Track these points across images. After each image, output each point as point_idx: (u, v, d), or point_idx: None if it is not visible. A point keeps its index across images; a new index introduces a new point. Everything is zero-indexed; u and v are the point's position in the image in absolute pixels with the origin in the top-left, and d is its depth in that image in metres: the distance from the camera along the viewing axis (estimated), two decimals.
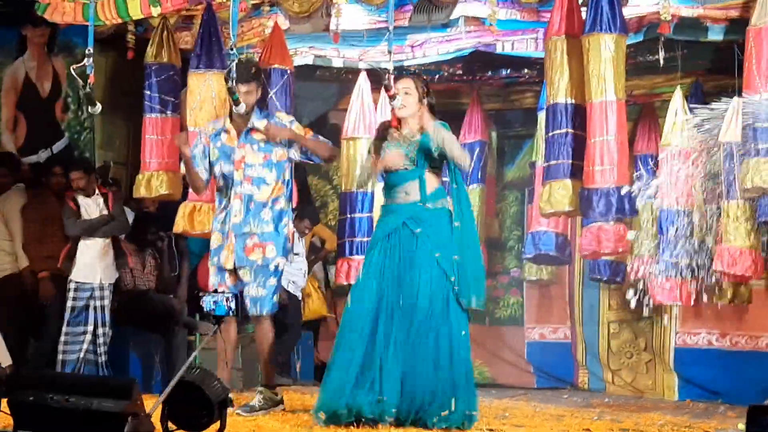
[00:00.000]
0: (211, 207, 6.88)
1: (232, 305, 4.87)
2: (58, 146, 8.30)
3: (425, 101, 5.67)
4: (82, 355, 7.59)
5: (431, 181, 5.61)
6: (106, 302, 7.75)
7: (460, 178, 5.69)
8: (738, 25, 6.88)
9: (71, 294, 7.64)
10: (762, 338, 8.56)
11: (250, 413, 5.98)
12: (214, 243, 6.24)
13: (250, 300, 6.14)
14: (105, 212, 7.75)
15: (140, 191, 7.37)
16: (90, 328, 7.64)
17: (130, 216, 8.33)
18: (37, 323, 7.74)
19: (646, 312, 9.06)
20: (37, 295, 7.68)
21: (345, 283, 7.83)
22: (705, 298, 8.14)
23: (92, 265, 7.67)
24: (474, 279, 5.56)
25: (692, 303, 8.18)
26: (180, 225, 7.16)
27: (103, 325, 7.70)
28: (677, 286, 8.01)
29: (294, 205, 6.68)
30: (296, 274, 8.69)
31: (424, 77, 5.87)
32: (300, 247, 8.75)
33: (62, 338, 7.61)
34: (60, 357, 7.57)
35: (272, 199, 6.17)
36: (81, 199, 7.71)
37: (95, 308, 7.67)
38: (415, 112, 5.66)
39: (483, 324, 9.84)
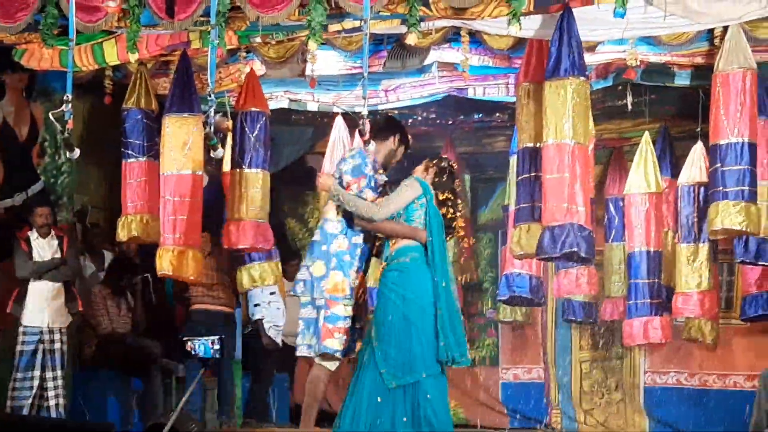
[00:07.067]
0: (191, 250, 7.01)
1: (217, 347, 4.93)
2: (33, 189, 8.30)
3: None
4: (30, 401, 7.40)
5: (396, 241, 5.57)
6: (57, 346, 7.58)
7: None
8: (704, 71, 7.03)
9: (20, 338, 7.51)
10: (730, 377, 8.65)
11: None
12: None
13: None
14: (58, 255, 7.65)
15: (119, 235, 7.40)
16: (38, 373, 7.47)
17: (109, 259, 8.34)
18: None
19: (616, 352, 9.16)
20: None
21: None
22: (673, 337, 8.24)
23: (41, 308, 7.55)
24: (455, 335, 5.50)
25: (661, 342, 8.28)
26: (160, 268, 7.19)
27: (53, 369, 7.52)
28: (646, 326, 8.09)
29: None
30: (276, 315, 8.36)
31: None
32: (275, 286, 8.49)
33: (12, 384, 7.45)
34: (9, 403, 7.38)
35: None
36: (34, 241, 7.62)
37: (44, 352, 7.51)
38: None
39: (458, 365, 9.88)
